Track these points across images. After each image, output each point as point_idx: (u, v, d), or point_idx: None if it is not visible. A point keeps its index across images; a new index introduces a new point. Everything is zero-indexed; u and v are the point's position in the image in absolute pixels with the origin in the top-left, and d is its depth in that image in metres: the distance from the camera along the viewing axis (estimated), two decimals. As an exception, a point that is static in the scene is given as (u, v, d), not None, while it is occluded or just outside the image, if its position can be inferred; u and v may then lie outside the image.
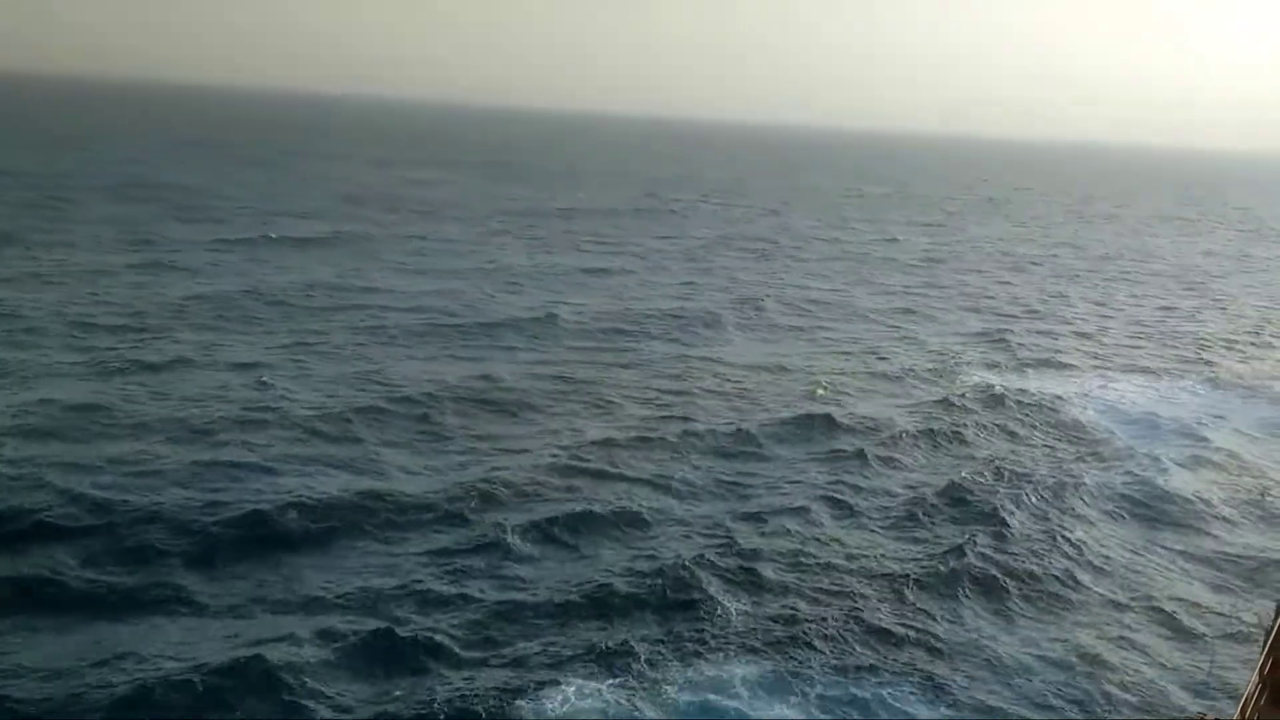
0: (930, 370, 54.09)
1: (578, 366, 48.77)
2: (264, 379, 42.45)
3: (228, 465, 33.49)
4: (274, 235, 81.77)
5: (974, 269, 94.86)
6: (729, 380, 48.93)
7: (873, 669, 24.74)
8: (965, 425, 43.79)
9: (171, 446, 34.78)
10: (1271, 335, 69.62)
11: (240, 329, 51.38)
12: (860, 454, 39.09)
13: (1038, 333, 66.11)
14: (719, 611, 26.17)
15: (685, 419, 42.12)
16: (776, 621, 26.06)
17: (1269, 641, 18.46)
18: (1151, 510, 36.41)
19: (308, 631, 24.32)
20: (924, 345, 60.29)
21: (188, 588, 26.32)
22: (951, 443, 41.75)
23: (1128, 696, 24.79)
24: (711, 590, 27.26)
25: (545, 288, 68.95)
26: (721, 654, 24.45)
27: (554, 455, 36.95)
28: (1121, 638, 27.59)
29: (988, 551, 31.36)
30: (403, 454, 36.12)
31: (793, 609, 26.78)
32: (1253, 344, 67.00)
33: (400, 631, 24.63)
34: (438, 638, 24.62)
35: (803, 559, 29.55)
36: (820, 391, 46.59)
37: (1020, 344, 61.88)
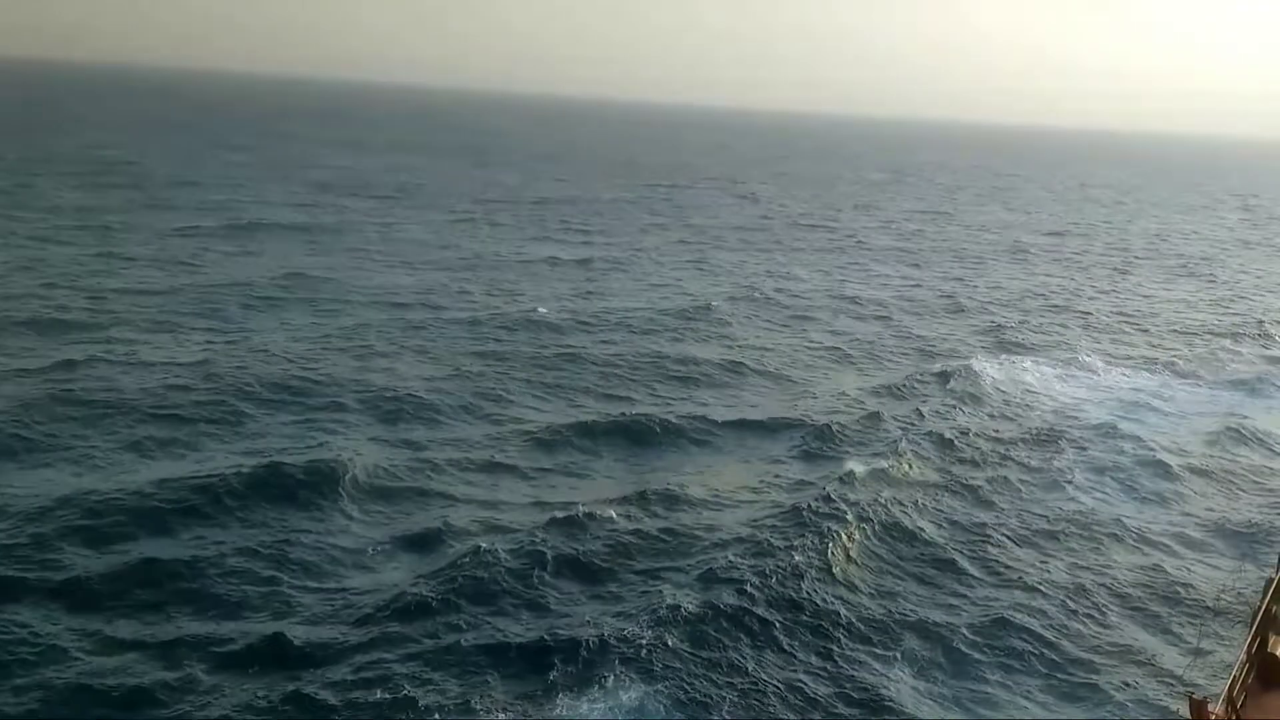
0: (920, 361, 51.51)
1: (547, 360, 45.83)
2: (206, 374, 39.37)
3: (148, 460, 31.59)
4: (241, 222, 78.79)
5: (970, 256, 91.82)
6: (707, 375, 46.06)
7: (826, 671, 23.02)
8: (951, 416, 41.64)
9: (88, 443, 32.41)
10: (1268, 323, 66.74)
11: (185, 321, 48.24)
12: (839, 450, 36.59)
13: (1032, 321, 63.22)
14: (659, 622, 23.75)
15: (659, 414, 39.21)
16: (719, 628, 24.03)
17: (1255, 621, 18.51)
18: (1136, 496, 35.39)
19: (198, 634, 22.56)
20: (915, 335, 57.61)
21: (80, 585, 24.33)
22: (937, 433, 39.04)
23: (1114, 680, 23.70)
24: (657, 599, 24.91)
25: (522, 277, 65.88)
26: (644, 672, 22.06)
27: (506, 454, 34.53)
28: (1105, 621, 26.52)
29: (962, 540, 30.25)
30: (346, 448, 33.16)
31: (742, 616, 24.62)
32: (1246, 332, 64.10)
33: (297, 636, 22.60)
34: (334, 637, 22.69)
35: (767, 567, 26.70)
36: (804, 398, 43.57)
37: (1013, 332, 59.23)
